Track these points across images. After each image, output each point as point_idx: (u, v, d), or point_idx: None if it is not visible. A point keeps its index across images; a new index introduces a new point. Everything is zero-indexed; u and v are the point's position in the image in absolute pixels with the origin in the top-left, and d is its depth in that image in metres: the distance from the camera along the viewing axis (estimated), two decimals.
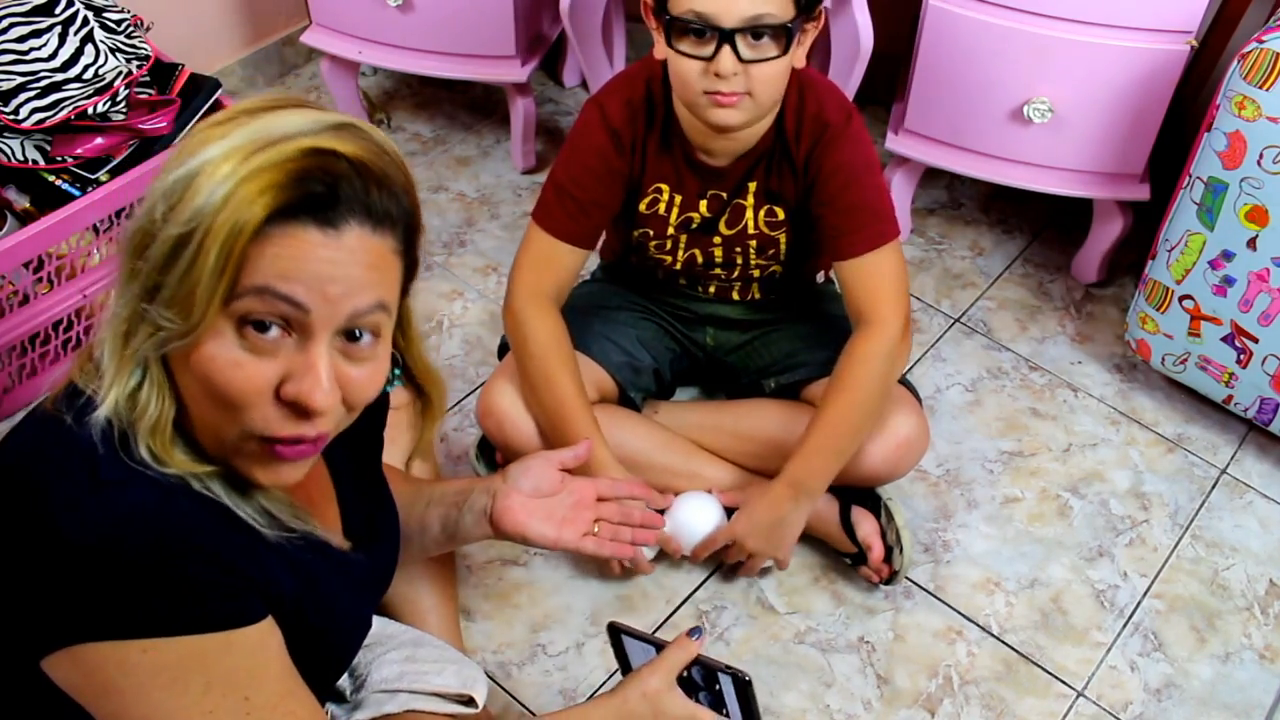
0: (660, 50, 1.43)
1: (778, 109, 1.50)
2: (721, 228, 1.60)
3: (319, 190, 0.83)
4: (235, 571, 0.88)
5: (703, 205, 1.58)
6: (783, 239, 1.61)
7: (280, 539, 0.93)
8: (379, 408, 1.18)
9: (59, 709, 0.90)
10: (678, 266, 1.65)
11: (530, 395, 1.58)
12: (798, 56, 1.43)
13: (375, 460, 1.19)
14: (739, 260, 1.64)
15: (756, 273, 1.66)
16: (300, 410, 0.86)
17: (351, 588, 1.05)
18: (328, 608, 1.00)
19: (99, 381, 0.88)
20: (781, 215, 1.58)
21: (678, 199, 1.58)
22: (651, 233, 1.62)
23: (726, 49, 1.35)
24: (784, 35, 1.37)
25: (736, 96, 1.39)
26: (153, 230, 0.84)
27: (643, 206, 1.60)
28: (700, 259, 1.64)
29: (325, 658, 1.06)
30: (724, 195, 1.57)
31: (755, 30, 1.35)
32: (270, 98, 0.89)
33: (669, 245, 1.63)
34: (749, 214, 1.58)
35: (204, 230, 0.81)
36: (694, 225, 1.60)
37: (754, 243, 1.61)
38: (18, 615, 0.86)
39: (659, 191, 1.58)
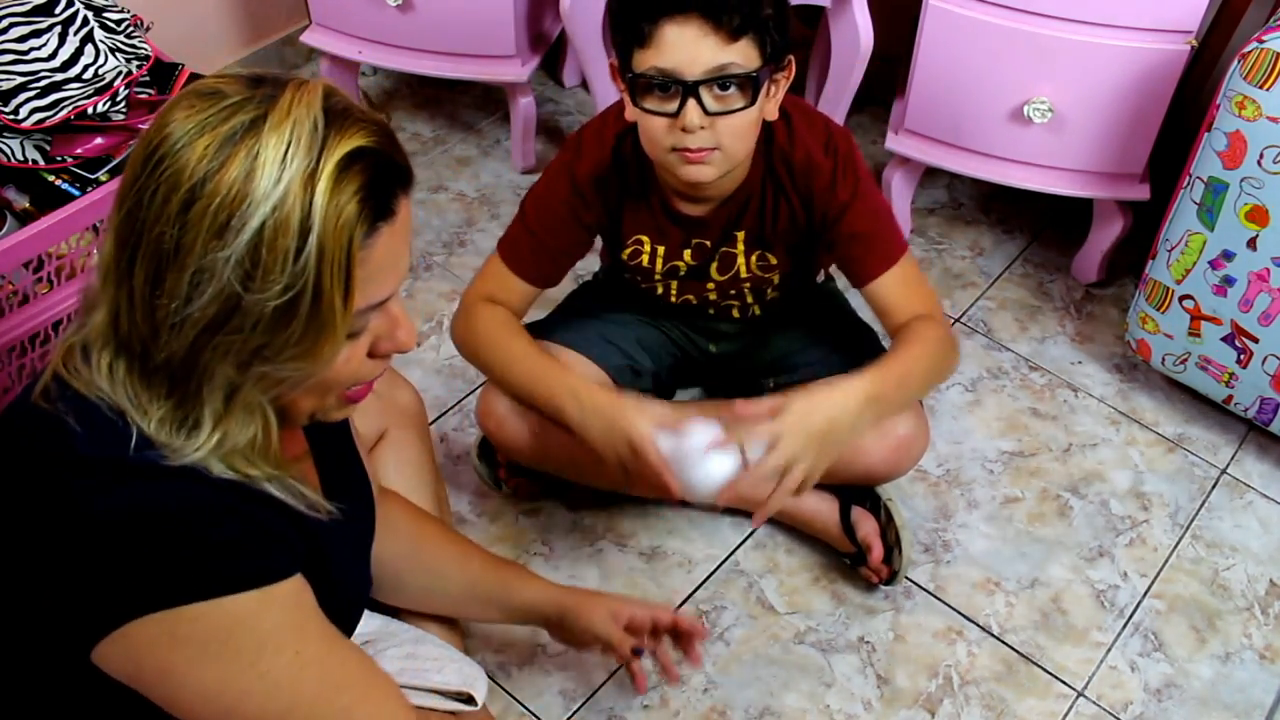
0: (630, 112, 1.41)
1: (750, 158, 1.47)
2: (714, 274, 1.59)
3: (383, 197, 0.87)
4: (261, 529, 0.91)
5: (687, 254, 1.57)
6: (777, 276, 1.61)
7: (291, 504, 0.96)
8: None
9: (110, 712, 0.91)
10: (674, 300, 1.65)
11: (504, 380, 1.53)
12: (769, 108, 1.41)
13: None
14: (735, 299, 1.64)
15: (752, 299, 1.65)
16: (386, 357, 0.96)
17: (348, 545, 1.09)
18: (338, 564, 1.03)
19: (188, 432, 0.89)
20: (775, 260, 1.58)
21: (660, 249, 1.57)
22: (640, 278, 1.62)
23: (691, 102, 1.33)
24: (750, 85, 1.35)
25: (705, 152, 1.37)
26: (235, 301, 0.83)
27: (625, 255, 1.59)
28: (695, 300, 1.64)
29: (336, 617, 1.08)
30: (708, 244, 1.56)
31: (720, 81, 1.33)
32: (217, 103, 0.85)
33: (660, 289, 1.63)
34: (740, 260, 1.58)
35: (313, 284, 0.83)
36: (682, 273, 1.60)
37: (748, 284, 1.61)
38: (62, 610, 0.87)
39: (639, 243, 1.57)
